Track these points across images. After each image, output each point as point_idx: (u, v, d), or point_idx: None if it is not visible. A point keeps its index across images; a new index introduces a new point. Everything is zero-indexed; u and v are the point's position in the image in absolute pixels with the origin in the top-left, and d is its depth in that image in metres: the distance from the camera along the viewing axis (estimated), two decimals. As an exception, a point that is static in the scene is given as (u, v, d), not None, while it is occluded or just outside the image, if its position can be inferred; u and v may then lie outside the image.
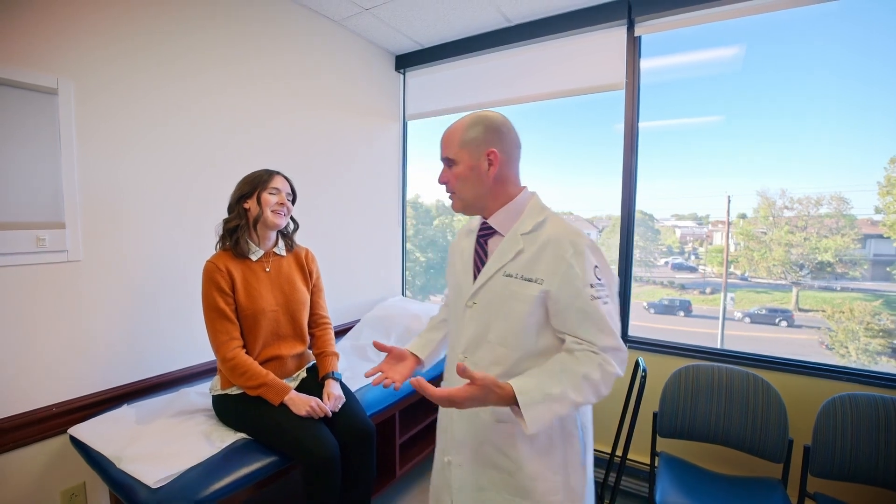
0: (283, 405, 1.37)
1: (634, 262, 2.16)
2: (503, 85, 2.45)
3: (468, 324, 1.00)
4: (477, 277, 1.00)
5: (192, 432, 1.36)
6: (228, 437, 1.35)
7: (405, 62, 2.74)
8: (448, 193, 1.02)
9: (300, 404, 1.36)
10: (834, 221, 3.13)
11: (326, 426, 1.38)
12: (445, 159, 0.99)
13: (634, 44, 2.03)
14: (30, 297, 1.33)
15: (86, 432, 1.34)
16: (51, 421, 1.38)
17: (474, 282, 1.00)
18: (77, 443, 1.34)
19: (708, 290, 4.18)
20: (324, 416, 1.38)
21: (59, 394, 1.41)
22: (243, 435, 1.37)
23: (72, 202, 1.40)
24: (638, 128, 2.07)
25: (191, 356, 1.76)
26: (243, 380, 1.37)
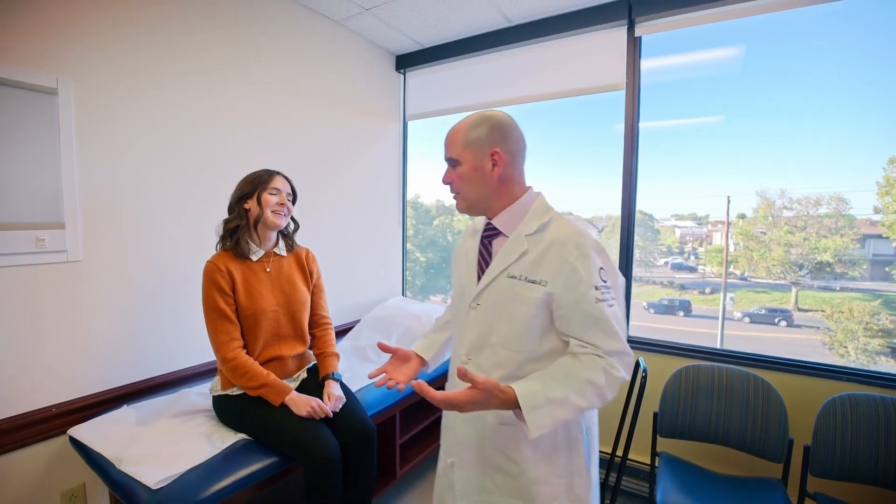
0: (284, 406, 1.36)
1: (634, 262, 2.16)
2: (503, 85, 2.45)
3: (471, 326, 0.99)
4: (481, 279, 0.99)
5: (193, 433, 1.36)
6: (229, 438, 1.35)
7: (405, 62, 2.74)
8: (452, 194, 1.01)
9: (301, 405, 1.36)
10: (833, 221, 3.13)
11: (327, 427, 1.38)
12: (449, 159, 0.97)
13: (635, 44, 2.03)
14: (30, 298, 1.33)
15: (86, 433, 1.34)
16: (51, 422, 1.37)
17: (478, 283, 0.99)
18: (77, 444, 1.34)
19: (707, 290, 4.17)
20: (324, 417, 1.38)
21: (59, 394, 1.41)
22: (244, 435, 1.37)
23: (72, 202, 1.40)
24: (638, 128, 2.07)
25: (191, 356, 1.76)
26: (244, 380, 1.36)
